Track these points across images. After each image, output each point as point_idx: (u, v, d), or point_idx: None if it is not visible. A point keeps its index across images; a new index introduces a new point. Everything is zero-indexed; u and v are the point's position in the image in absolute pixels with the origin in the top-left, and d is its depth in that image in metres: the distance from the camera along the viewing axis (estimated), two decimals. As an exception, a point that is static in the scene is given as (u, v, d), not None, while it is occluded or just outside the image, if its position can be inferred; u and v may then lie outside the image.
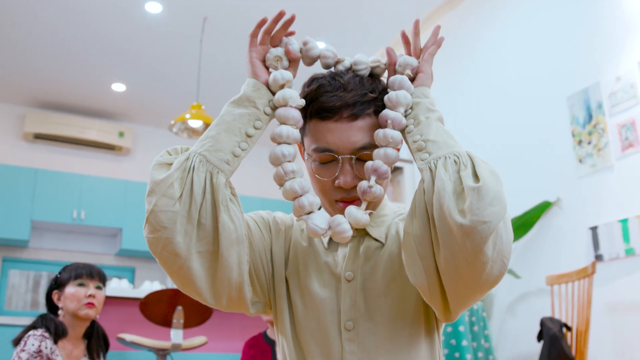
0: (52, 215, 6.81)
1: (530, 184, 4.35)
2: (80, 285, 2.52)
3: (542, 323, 3.24)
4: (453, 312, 1.11)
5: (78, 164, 7.49)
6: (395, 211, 1.29)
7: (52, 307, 2.57)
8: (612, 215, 3.72)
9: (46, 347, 2.36)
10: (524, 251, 4.33)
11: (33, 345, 2.34)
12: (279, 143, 1.17)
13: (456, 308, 1.10)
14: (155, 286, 4.79)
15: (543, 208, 4.15)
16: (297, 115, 1.17)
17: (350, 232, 1.11)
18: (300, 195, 1.14)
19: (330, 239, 1.24)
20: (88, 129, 7.35)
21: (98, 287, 2.58)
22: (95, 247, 7.40)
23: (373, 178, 1.13)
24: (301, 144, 1.28)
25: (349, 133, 1.15)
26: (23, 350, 2.33)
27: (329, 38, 5.82)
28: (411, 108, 1.16)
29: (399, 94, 1.16)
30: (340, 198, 1.18)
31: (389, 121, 1.14)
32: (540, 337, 3.26)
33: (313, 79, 1.23)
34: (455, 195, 1.03)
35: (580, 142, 4.00)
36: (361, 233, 1.23)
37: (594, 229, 3.81)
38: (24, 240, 6.68)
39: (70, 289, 2.51)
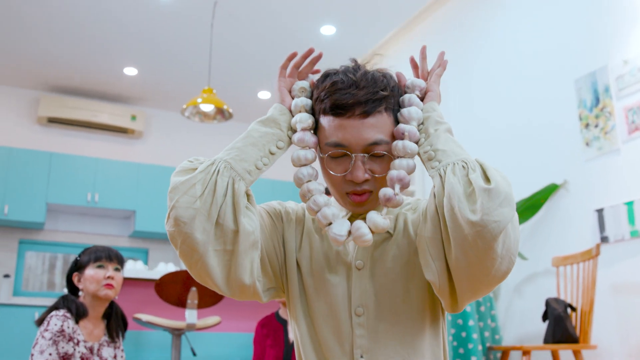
0: (67, 198, 6.93)
1: (538, 166, 4.40)
2: (100, 267, 2.61)
3: (547, 303, 3.32)
4: (460, 304, 1.18)
5: (91, 148, 7.59)
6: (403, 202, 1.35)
7: (72, 288, 2.66)
8: (618, 197, 3.77)
9: (68, 327, 2.45)
10: (531, 233, 4.39)
11: (56, 325, 2.43)
12: (299, 166, 1.27)
13: (463, 301, 1.17)
14: (169, 268, 4.89)
15: (550, 190, 4.20)
16: (311, 138, 1.28)
17: (370, 236, 1.18)
18: (319, 210, 1.22)
19: None
20: (100, 112, 7.45)
21: (116, 269, 2.67)
22: (109, 229, 7.53)
23: (397, 186, 1.20)
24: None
25: (361, 130, 1.21)
26: (46, 330, 2.42)
27: (337, 22, 5.86)
28: (422, 123, 1.24)
29: (411, 110, 1.25)
30: (352, 191, 1.24)
31: (405, 133, 1.22)
32: (545, 317, 3.33)
33: (326, 75, 1.30)
34: (465, 196, 1.09)
35: (587, 125, 4.04)
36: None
37: (600, 211, 3.87)
38: (40, 222, 6.81)
39: (90, 271, 2.60)
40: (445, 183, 1.12)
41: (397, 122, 1.27)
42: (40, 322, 2.52)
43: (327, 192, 4.21)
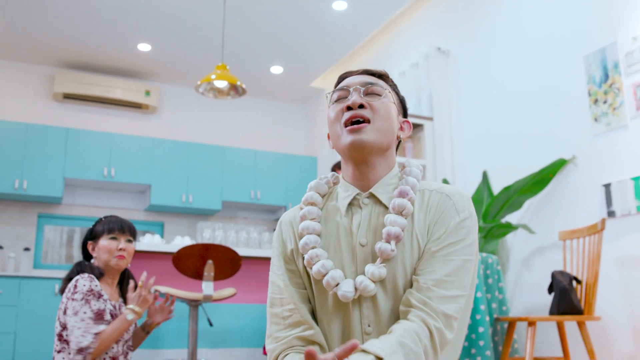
0: (83, 172, 7.07)
1: (547, 141, 4.46)
2: (113, 238, 2.73)
3: (553, 276, 3.41)
4: None
5: (106, 123, 7.71)
6: (423, 184, 1.43)
7: (86, 255, 2.80)
8: (625, 173, 3.84)
9: (96, 286, 2.59)
10: (539, 207, 4.47)
11: (85, 285, 2.56)
12: (305, 234, 1.38)
13: None
14: (186, 241, 5.01)
15: (559, 165, 4.27)
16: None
17: (373, 286, 1.29)
18: (326, 274, 1.32)
19: (348, 206, 1.40)
20: (114, 88, 7.54)
21: (129, 241, 2.79)
22: (125, 203, 7.67)
23: (393, 242, 1.31)
24: (329, 134, 1.50)
25: (362, 77, 1.43)
26: (75, 293, 2.54)
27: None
28: None
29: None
30: (349, 117, 1.36)
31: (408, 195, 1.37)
32: (550, 289, 3.43)
33: None
34: None
35: (596, 101, 4.09)
36: (373, 200, 1.39)
37: (607, 186, 3.94)
38: (58, 197, 6.96)
39: (104, 242, 2.73)
40: None
41: (394, 95, 1.44)
42: (63, 290, 2.65)
43: (336, 169, 4.29)
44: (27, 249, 6.86)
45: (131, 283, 2.75)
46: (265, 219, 8.37)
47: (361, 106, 1.36)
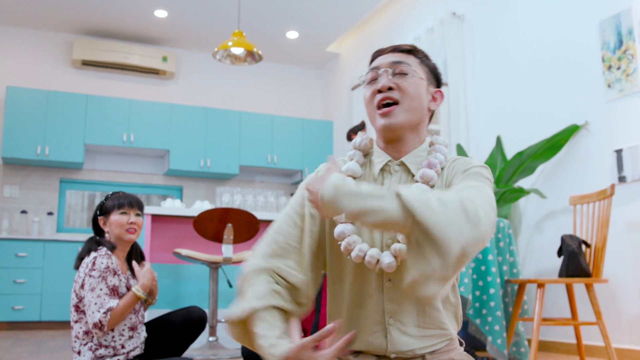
0: (103, 138, 7.20)
1: (560, 107, 4.50)
2: (123, 214, 2.86)
3: (563, 240, 3.49)
4: None
5: (125, 89, 7.81)
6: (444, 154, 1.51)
7: (97, 229, 2.94)
8: (637, 139, 3.89)
9: (112, 263, 2.73)
10: (552, 172, 4.53)
11: (102, 263, 2.70)
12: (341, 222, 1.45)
13: None
14: (205, 205, 5.14)
15: (571, 131, 4.32)
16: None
17: (394, 262, 1.37)
18: (364, 255, 1.39)
19: (380, 171, 1.49)
20: (132, 54, 7.62)
21: (137, 215, 2.92)
22: (144, 168, 7.82)
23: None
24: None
25: (391, 55, 1.49)
26: (93, 270, 2.69)
27: None
28: None
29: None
30: (379, 100, 1.45)
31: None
32: (560, 252, 3.52)
33: None
34: None
35: (609, 67, 4.11)
36: (403, 167, 1.48)
37: (618, 152, 3.99)
38: (79, 162, 7.12)
39: (115, 217, 2.86)
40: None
41: (424, 68, 1.51)
42: (77, 267, 2.79)
43: (350, 137, 4.39)
44: (50, 213, 7.05)
45: (135, 264, 2.86)
46: (282, 182, 8.49)
47: (390, 88, 1.44)
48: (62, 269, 6.50)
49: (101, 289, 2.66)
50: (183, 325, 3.03)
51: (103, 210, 2.90)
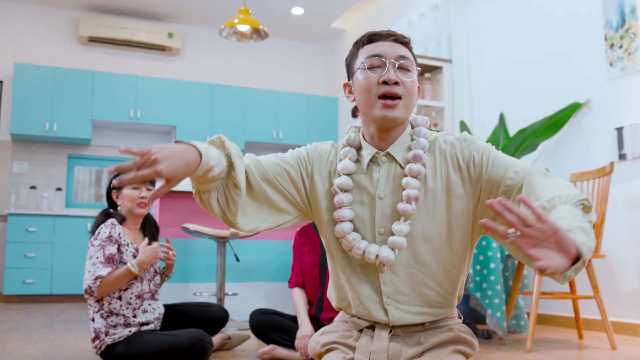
0: (110, 114, 7.28)
1: (563, 85, 4.55)
2: (135, 188, 2.96)
3: (562, 216, 3.57)
4: None
5: (131, 65, 7.86)
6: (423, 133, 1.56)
7: (111, 203, 3.03)
8: (638, 117, 3.94)
9: (115, 233, 2.83)
10: (553, 149, 4.60)
11: (105, 233, 2.81)
12: (343, 175, 1.54)
13: None
14: (212, 181, 5.22)
15: (573, 109, 4.37)
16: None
17: (404, 240, 1.46)
18: (363, 253, 1.48)
19: (369, 163, 1.56)
20: (138, 30, 7.66)
21: (149, 189, 3.01)
22: (151, 144, 7.80)
23: (414, 203, 1.48)
24: (346, 84, 1.61)
25: (394, 46, 1.51)
26: (96, 239, 2.81)
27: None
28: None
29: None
30: (384, 91, 1.48)
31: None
32: (560, 228, 3.60)
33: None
34: None
35: (612, 45, 4.16)
36: (389, 158, 1.55)
37: (619, 130, 4.05)
38: (87, 138, 7.20)
39: (127, 191, 2.96)
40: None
41: (414, 59, 1.56)
42: (93, 233, 2.90)
43: (355, 114, 4.51)
44: (59, 189, 7.16)
45: (145, 240, 2.95)
46: (287, 159, 8.56)
47: (395, 83, 1.48)
48: (71, 243, 6.62)
49: (97, 257, 2.76)
50: (202, 323, 3.10)
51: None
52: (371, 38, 1.53)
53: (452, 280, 1.54)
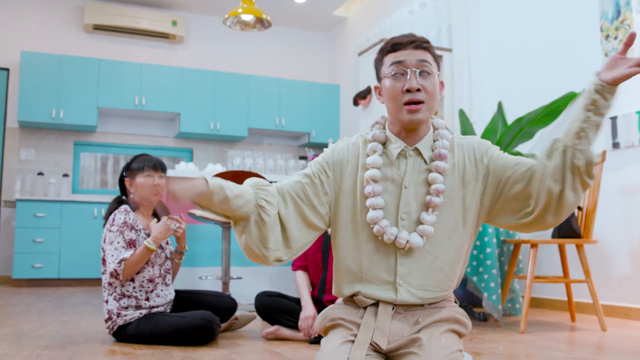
0: (116, 102, 7.40)
1: (559, 75, 4.66)
2: (148, 176, 3.08)
3: (556, 203, 3.70)
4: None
5: (136, 53, 7.96)
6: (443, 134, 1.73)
7: (123, 189, 3.16)
8: (631, 107, 4.06)
9: (129, 219, 2.96)
10: (550, 137, 4.71)
11: (120, 219, 2.95)
12: (370, 169, 1.70)
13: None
14: (218, 168, 5.35)
15: (569, 98, 4.48)
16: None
17: (431, 229, 1.63)
18: (395, 238, 1.64)
19: (398, 155, 1.71)
20: (142, 18, 7.76)
21: (161, 177, 3.13)
22: (155, 131, 8.02)
23: (442, 195, 1.66)
24: (377, 87, 1.78)
25: (414, 52, 1.67)
26: (112, 225, 2.94)
27: None
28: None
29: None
30: (408, 99, 1.65)
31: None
32: (553, 215, 3.73)
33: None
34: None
35: (607, 36, 4.26)
36: (416, 152, 1.70)
37: (613, 119, 4.17)
38: (92, 125, 7.32)
39: (140, 179, 3.09)
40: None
41: (435, 63, 1.70)
42: (106, 221, 3.04)
43: (356, 102, 4.65)
44: (65, 175, 7.29)
45: (154, 219, 3.09)
46: (290, 145, 8.69)
47: (418, 90, 1.64)
48: (78, 228, 6.76)
49: (118, 242, 2.90)
50: (213, 312, 3.23)
51: (129, 172, 3.12)
52: (394, 47, 1.69)
53: (459, 265, 1.71)
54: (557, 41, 4.71)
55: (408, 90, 1.63)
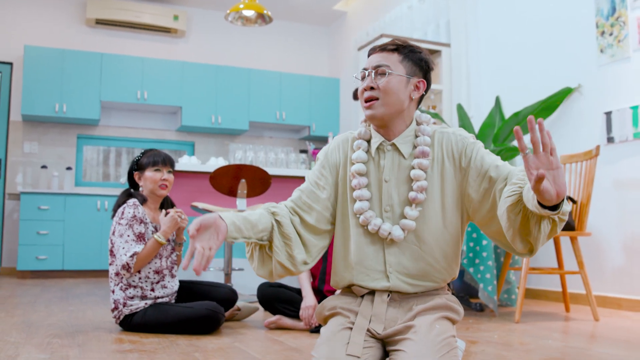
0: (118, 95, 7.47)
1: (555, 70, 4.74)
2: (157, 170, 3.17)
3: (551, 196, 3.79)
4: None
5: (138, 47, 8.03)
6: (424, 129, 1.82)
7: (132, 183, 3.25)
8: (625, 102, 4.14)
9: (138, 212, 3.05)
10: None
11: (129, 213, 3.03)
12: (356, 164, 1.82)
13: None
14: (220, 162, 5.43)
15: (565, 93, 4.57)
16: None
17: (414, 223, 1.74)
18: (379, 229, 1.75)
19: (377, 150, 1.82)
20: (143, 13, 7.82)
21: (170, 172, 3.22)
22: (158, 124, 8.11)
23: (424, 192, 1.76)
24: None
25: (379, 55, 1.82)
26: (122, 218, 3.03)
27: None
28: None
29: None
30: (365, 97, 1.79)
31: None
32: (548, 208, 3.81)
33: None
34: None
35: (602, 33, 4.34)
36: (394, 147, 1.80)
37: (608, 114, 4.25)
38: (95, 119, 7.40)
39: (149, 173, 3.17)
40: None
41: (406, 63, 1.80)
42: (113, 216, 3.12)
43: (356, 96, 4.73)
44: (69, 168, 7.37)
45: (163, 211, 3.17)
46: (290, 138, 8.77)
47: (372, 88, 1.77)
48: (82, 220, 6.86)
49: (128, 235, 2.99)
50: (214, 301, 3.31)
51: (138, 166, 3.21)
52: (368, 54, 1.85)
53: (446, 259, 1.79)
54: (553, 37, 4.79)
55: (365, 90, 1.78)
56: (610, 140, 4.22)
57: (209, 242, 1.56)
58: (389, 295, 1.77)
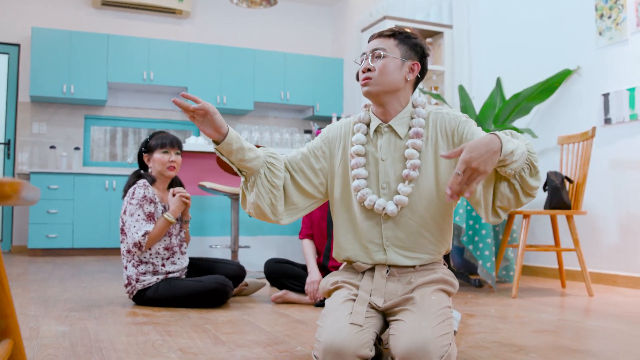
0: (125, 76, 7.57)
1: (555, 52, 4.82)
2: (165, 152, 3.29)
3: (548, 176, 3.90)
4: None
5: (144, 28, 8.11)
6: (418, 111, 1.94)
7: (142, 164, 3.37)
8: (623, 84, 4.23)
9: (149, 193, 3.18)
10: (545, 114, 4.90)
11: (140, 193, 3.16)
12: (356, 145, 1.96)
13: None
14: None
15: (564, 75, 4.65)
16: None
17: (407, 199, 1.87)
18: (374, 204, 1.88)
19: (375, 132, 1.95)
20: (149, -7, 7.90)
21: (177, 153, 3.33)
22: (163, 104, 8.21)
23: (417, 170, 1.88)
24: None
25: (377, 41, 1.96)
26: (133, 198, 3.16)
27: None
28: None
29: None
30: (361, 77, 1.92)
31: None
32: (545, 187, 3.94)
33: None
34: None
35: (601, 15, 4.42)
36: (390, 129, 1.92)
37: (605, 96, 4.35)
38: (102, 100, 7.51)
39: (157, 155, 3.29)
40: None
41: (402, 47, 1.93)
42: (124, 196, 3.25)
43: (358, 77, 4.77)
44: (77, 148, 7.50)
45: (171, 191, 3.30)
46: (294, 118, 8.87)
47: (368, 69, 1.90)
48: (90, 199, 7.00)
49: (139, 215, 3.12)
50: (226, 276, 3.44)
51: (147, 148, 3.33)
52: (368, 40, 1.99)
53: (440, 231, 1.92)
54: (553, 19, 4.87)
55: (363, 71, 1.92)
56: (607, 121, 4.32)
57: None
58: (387, 270, 1.90)
